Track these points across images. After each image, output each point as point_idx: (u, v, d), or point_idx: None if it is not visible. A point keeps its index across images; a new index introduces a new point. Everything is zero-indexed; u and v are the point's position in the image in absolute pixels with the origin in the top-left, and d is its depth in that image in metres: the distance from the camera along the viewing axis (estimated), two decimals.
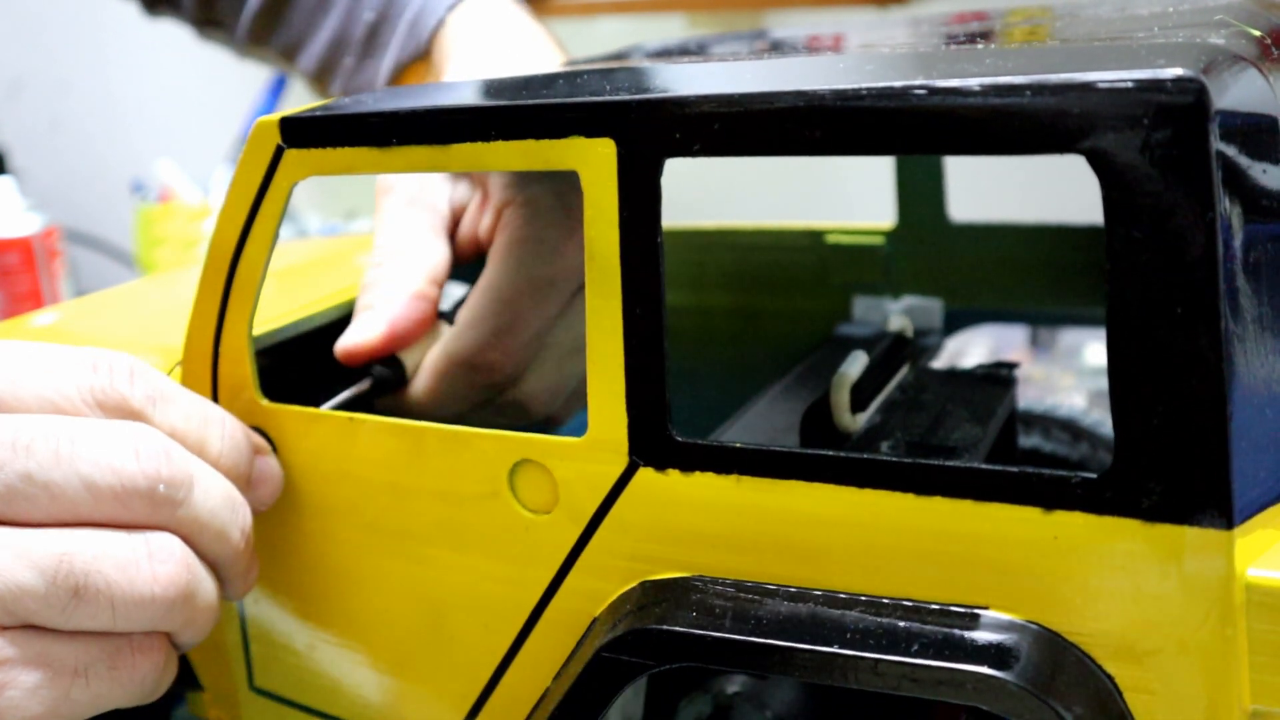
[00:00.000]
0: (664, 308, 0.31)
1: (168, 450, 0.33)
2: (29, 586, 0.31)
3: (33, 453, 0.31)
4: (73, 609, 0.32)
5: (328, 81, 0.71)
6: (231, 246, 0.38)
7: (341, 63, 0.68)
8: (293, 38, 0.71)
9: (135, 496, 0.32)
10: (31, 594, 0.31)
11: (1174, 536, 0.27)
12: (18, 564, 0.31)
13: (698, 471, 0.32)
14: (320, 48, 0.69)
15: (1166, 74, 0.25)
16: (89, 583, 0.32)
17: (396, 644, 0.39)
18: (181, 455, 0.34)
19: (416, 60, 0.63)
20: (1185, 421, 0.26)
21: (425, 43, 0.62)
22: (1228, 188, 0.26)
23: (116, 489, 0.32)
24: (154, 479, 0.33)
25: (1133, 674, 0.28)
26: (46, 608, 0.31)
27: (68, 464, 0.32)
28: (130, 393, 0.34)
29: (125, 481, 0.32)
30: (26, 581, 0.31)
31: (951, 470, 0.29)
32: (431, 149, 0.34)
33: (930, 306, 0.52)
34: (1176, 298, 0.26)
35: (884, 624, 0.29)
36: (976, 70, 0.28)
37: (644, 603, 0.32)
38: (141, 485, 0.32)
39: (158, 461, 0.33)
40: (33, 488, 0.31)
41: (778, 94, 0.29)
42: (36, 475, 0.31)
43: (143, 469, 0.32)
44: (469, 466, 0.35)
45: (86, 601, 0.32)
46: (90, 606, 0.32)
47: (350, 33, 0.67)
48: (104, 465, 0.32)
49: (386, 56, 0.64)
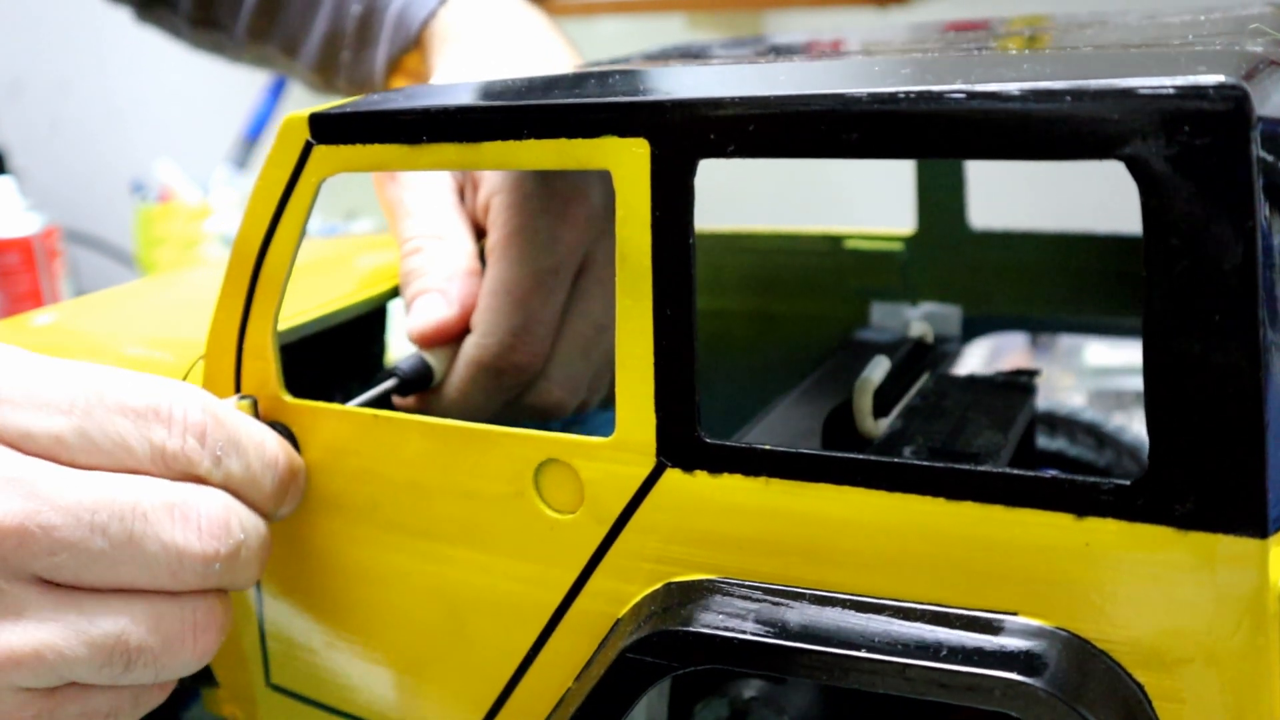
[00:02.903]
0: (695, 310, 0.31)
1: (227, 524, 0.34)
2: (83, 660, 0.32)
3: (108, 533, 0.32)
4: (119, 678, 0.33)
5: (331, 76, 0.70)
6: (258, 242, 0.38)
7: (340, 56, 0.68)
8: (291, 32, 0.71)
9: (191, 572, 0.34)
10: (84, 666, 0.32)
11: (1207, 545, 0.26)
12: (75, 640, 0.32)
13: (726, 474, 0.32)
14: (317, 41, 0.69)
15: (1208, 81, 0.25)
16: (139, 658, 0.33)
17: (416, 643, 0.38)
18: (236, 522, 0.35)
19: (408, 52, 0.63)
20: (1220, 430, 0.26)
21: (415, 34, 0.61)
22: (1268, 195, 0.26)
23: (176, 567, 0.33)
24: (213, 558, 0.34)
25: (1163, 683, 0.28)
26: (95, 677, 0.33)
27: (138, 546, 0.33)
28: (199, 457, 0.35)
29: (186, 561, 0.33)
30: (81, 656, 0.32)
31: (982, 475, 0.29)
32: (462, 147, 0.34)
33: (949, 313, 0.52)
34: (1214, 306, 0.25)
35: (911, 629, 0.29)
36: (1015, 75, 0.28)
37: (669, 604, 0.32)
38: (200, 566, 0.34)
39: (218, 542, 0.34)
40: (99, 565, 0.32)
41: (814, 96, 0.29)
42: (106, 555, 0.32)
43: (203, 550, 0.34)
44: (494, 465, 0.35)
45: (133, 672, 0.33)
46: (135, 674, 0.33)
47: (342, 26, 0.67)
48: (170, 548, 0.33)
49: (379, 49, 0.64)
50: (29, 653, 0.31)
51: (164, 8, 0.78)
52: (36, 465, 0.32)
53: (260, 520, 0.36)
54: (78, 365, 0.34)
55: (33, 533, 0.31)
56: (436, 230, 0.47)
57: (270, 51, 0.74)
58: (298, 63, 0.72)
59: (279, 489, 0.37)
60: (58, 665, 0.32)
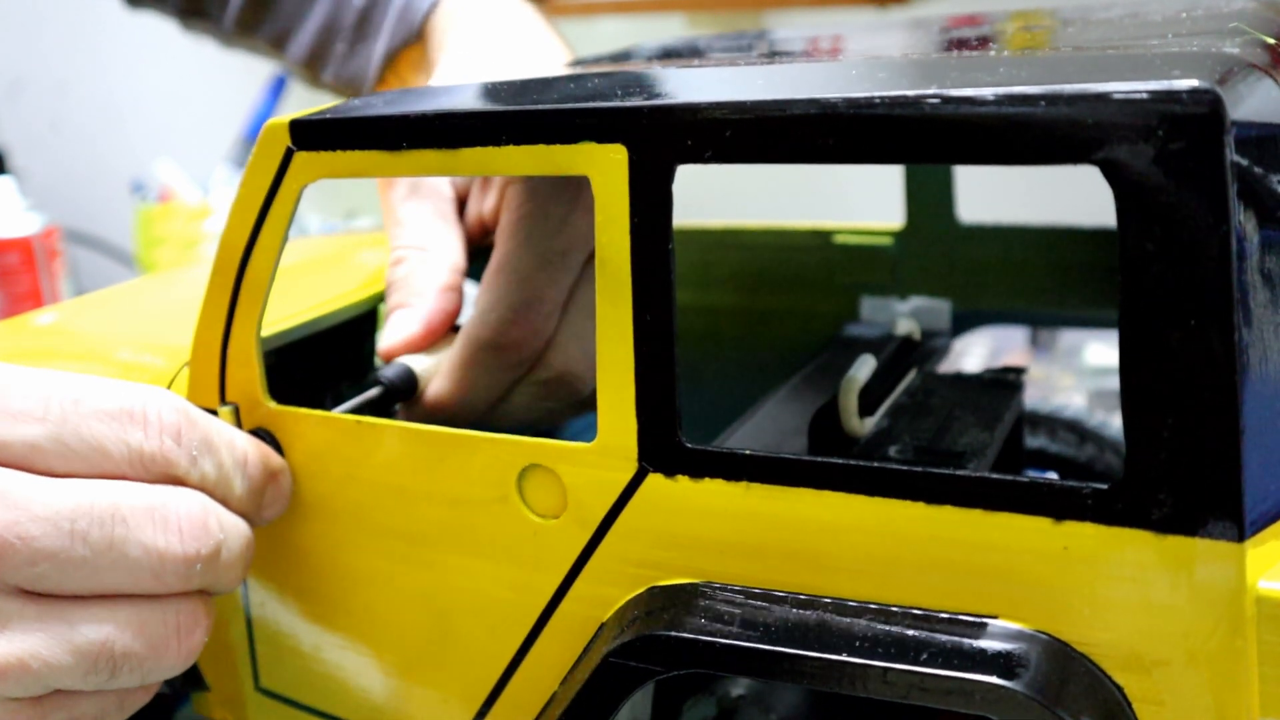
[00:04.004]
0: (674, 315, 0.31)
1: (205, 523, 0.34)
2: (69, 668, 0.32)
3: (89, 541, 0.32)
4: (105, 684, 0.33)
5: (319, 69, 0.70)
6: (240, 249, 0.38)
7: (333, 49, 0.67)
8: (281, 26, 0.71)
9: (173, 575, 0.34)
10: (70, 674, 0.32)
11: (1185, 548, 0.26)
12: (60, 649, 0.32)
13: (707, 478, 0.32)
14: (310, 35, 0.69)
15: (1181, 85, 0.25)
16: (124, 664, 0.33)
17: (403, 647, 0.39)
18: (215, 523, 0.35)
19: (409, 46, 0.63)
20: (1197, 433, 0.26)
21: (418, 28, 0.61)
22: (1243, 199, 0.25)
23: (158, 570, 0.33)
24: (194, 560, 0.34)
25: (1142, 685, 0.28)
26: (82, 683, 0.33)
27: (119, 551, 0.33)
28: (176, 457, 0.35)
29: (168, 564, 0.33)
30: (67, 665, 0.32)
31: (962, 479, 0.29)
32: (441, 153, 0.34)
33: (938, 307, 0.52)
34: (1190, 309, 0.26)
35: (893, 632, 0.29)
36: (990, 79, 0.28)
37: (652, 608, 0.32)
38: (181, 568, 0.34)
39: (199, 542, 0.34)
40: (81, 572, 0.32)
41: (791, 101, 0.29)
42: (88, 562, 0.32)
43: (185, 551, 0.34)
44: (478, 471, 0.35)
45: (119, 678, 0.33)
46: (121, 680, 0.33)
47: (341, 18, 0.66)
48: (152, 551, 0.33)
49: (379, 42, 0.64)
50: (15, 663, 0.31)
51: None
52: (12, 476, 0.32)
53: (240, 521, 0.36)
54: (49, 373, 0.34)
55: (12, 544, 0.31)
56: (421, 241, 0.47)
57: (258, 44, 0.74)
58: (284, 56, 0.72)
59: (252, 488, 0.37)
60: (44, 674, 0.32)
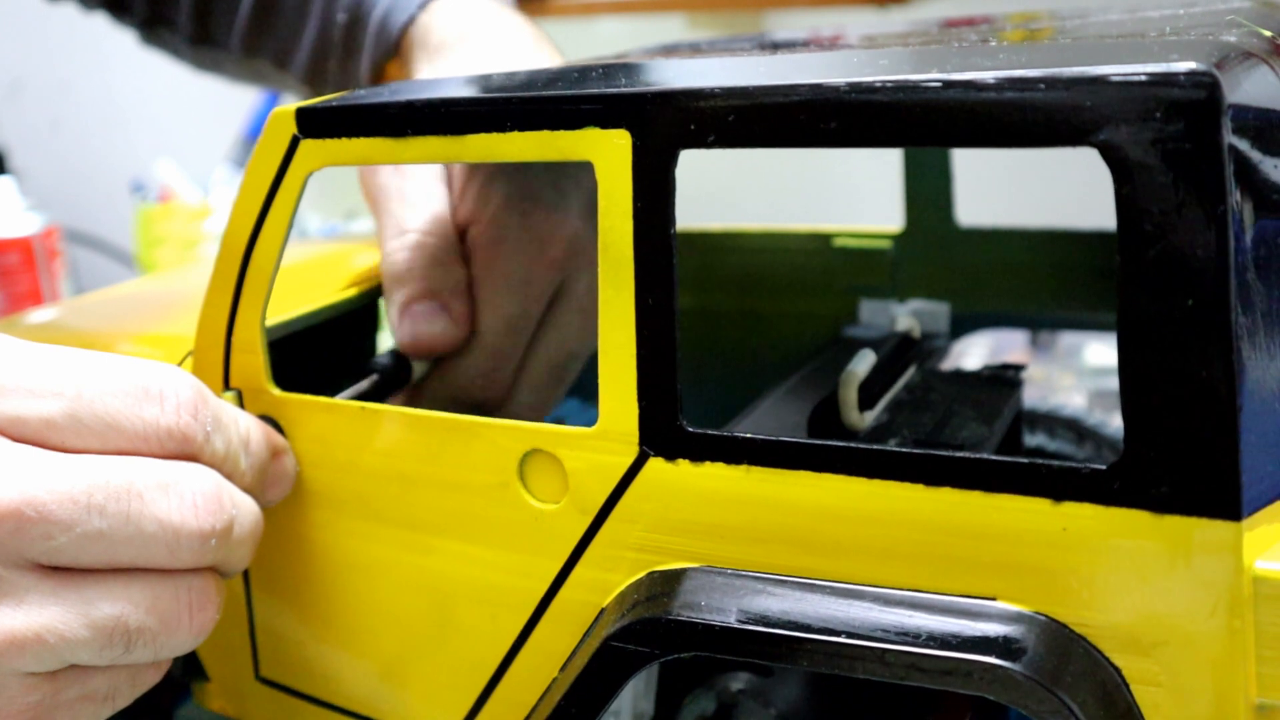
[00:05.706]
0: (676, 299, 0.31)
1: (219, 498, 0.34)
2: (85, 642, 0.32)
3: (105, 514, 0.32)
4: (119, 659, 0.33)
5: (320, 87, 0.70)
6: (246, 237, 0.39)
7: (327, 67, 0.68)
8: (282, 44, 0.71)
9: (187, 550, 0.34)
10: (86, 648, 0.32)
11: (1182, 529, 0.27)
12: (76, 623, 0.32)
13: (708, 462, 0.32)
14: (306, 53, 0.69)
15: (1180, 68, 0.25)
16: (138, 639, 0.33)
17: (403, 634, 0.39)
18: (229, 499, 0.35)
19: (389, 60, 0.62)
20: (1195, 414, 0.26)
21: (395, 41, 0.61)
22: (1239, 182, 0.26)
23: (173, 545, 0.33)
24: (208, 535, 0.34)
25: (1140, 666, 0.28)
26: (97, 658, 0.33)
27: (135, 525, 0.33)
28: (193, 433, 0.35)
29: (183, 538, 0.34)
30: (83, 639, 0.32)
31: (961, 461, 0.29)
32: (446, 140, 0.35)
33: (937, 310, 0.52)
34: (1187, 290, 0.26)
35: (892, 614, 0.30)
36: (990, 64, 0.28)
37: (652, 592, 0.33)
38: (196, 543, 0.34)
39: (213, 518, 0.34)
40: (97, 546, 0.32)
41: (793, 86, 0.29)
42: (104, 536, 0.32)
43: (199, 526, 0.34)
44: (479, 456, 0.35)
45: (133, 653, 0.33)
46: (135, 654, 0.33)
47: (329, 35, 0.66)
48: (167, 525, 0.33)
49: (363, 57, 0.63)
50: (31, 637, 0.32)
51: (165, 29, 0.78)
52: (28, 451, 0.32)
53: (249, 499, 0.36)
54: (65, 350, 0.34)
55: (30, 518, 0.31)
56: (430, 228, 0.47)
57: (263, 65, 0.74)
58: (289, 75, 0.72)
59: (257, 466, 0.37)
60: (60, 648, 0.32)
